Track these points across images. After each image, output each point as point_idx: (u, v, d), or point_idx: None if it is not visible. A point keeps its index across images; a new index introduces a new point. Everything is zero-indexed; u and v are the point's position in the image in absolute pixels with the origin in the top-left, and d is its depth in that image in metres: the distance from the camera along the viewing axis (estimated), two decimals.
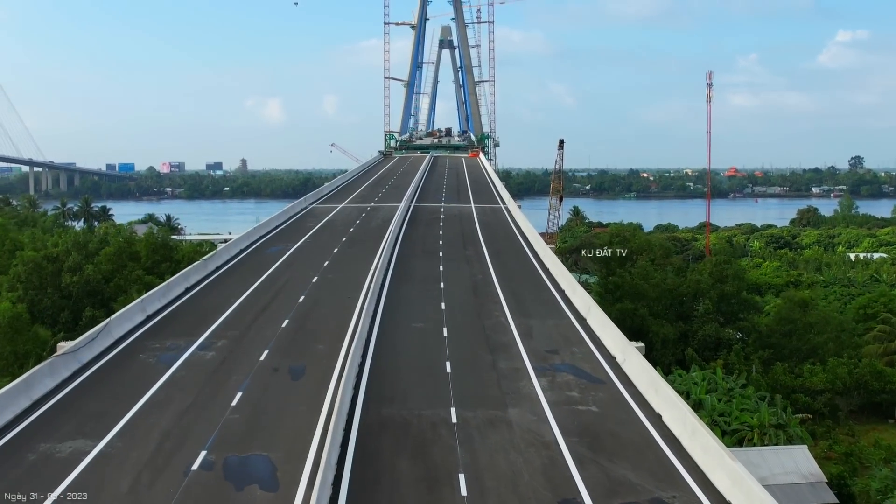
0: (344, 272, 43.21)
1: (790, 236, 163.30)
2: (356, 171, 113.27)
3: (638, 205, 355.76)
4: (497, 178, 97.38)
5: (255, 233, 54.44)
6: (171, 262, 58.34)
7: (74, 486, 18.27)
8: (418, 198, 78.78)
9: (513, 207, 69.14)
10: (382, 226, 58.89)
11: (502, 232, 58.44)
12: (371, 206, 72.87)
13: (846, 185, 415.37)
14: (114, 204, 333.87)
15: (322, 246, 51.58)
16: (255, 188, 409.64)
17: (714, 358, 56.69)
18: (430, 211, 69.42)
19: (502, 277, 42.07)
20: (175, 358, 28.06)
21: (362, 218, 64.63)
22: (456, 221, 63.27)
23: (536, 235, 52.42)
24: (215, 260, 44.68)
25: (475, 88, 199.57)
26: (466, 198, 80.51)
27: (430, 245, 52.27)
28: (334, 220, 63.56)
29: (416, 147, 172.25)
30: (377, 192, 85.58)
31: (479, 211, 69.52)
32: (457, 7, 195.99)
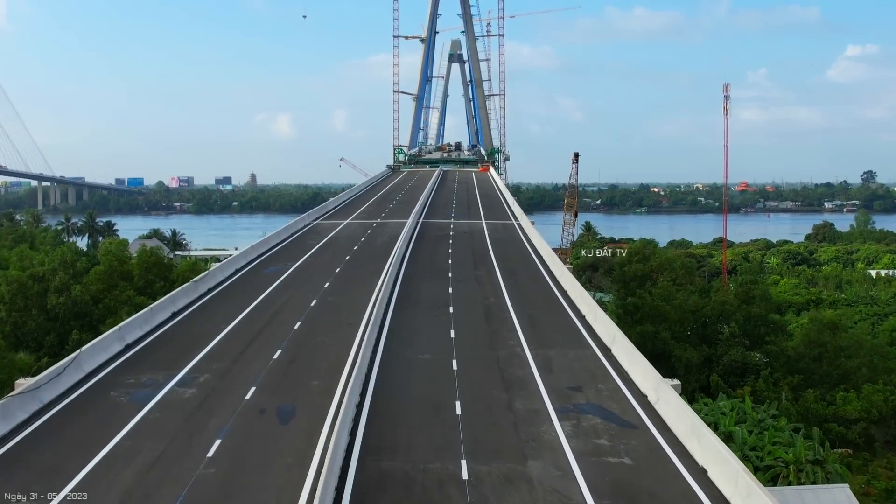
0: (345, 295, 40.03)
1: (807, 252, 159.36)
2: (363, 185, 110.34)
3: (649, 220, 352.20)
4: (508, 193, 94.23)
5: (252, 251, 51.38)
6: (165, 281, 55.36)
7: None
8: (427, 213, 75.70)
9: (525, 224, 65.91)
10: (388, 243, 55.77)
11: (515, 250, 55.20)
12: (377, 222, 69.79)
13: (859, 199, 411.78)
14: (122, 219, 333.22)
15: (323, 265, 48.46)
16: (263, 203, 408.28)
17: (740, 384, 53.20)
18: (439, 227, 66.27)
19: (517, 301, 38.79)
20: (150, 396, 24.87)
21: (368, 235, 61.53)
22: (466, 239, 60.08)
23: (552, 254, 49.16)
24: (207, 281, 41.57)
25: (485, 102, 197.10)
26: (477, 213, 77.36)
27: (438, 264, 49.06)
28: (338, 238, 60.46)
29: (425, 161, 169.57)
30: (384, 207, 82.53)
31: (490, 227, 66.33)
32: (466, 20, 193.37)
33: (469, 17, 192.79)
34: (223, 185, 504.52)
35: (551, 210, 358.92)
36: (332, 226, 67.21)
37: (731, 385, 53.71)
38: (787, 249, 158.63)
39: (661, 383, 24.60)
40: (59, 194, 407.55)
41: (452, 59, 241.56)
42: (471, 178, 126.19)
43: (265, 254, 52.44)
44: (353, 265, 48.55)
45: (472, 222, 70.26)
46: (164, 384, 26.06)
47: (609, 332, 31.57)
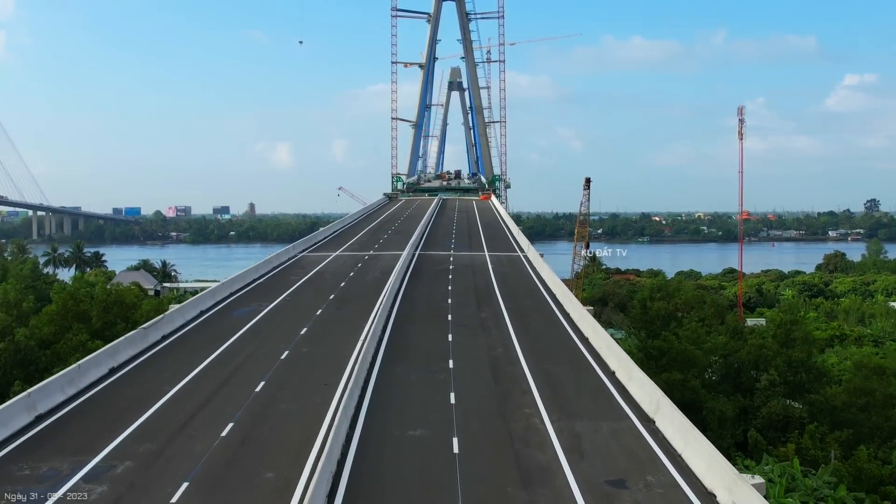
0: (324, 344, 33.48)
1: (822, 283, 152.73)
2: (357, 214, 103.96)
3: (651, 249, 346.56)
4: (512, 222, 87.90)
5: (223, 289, 44.89)
6: (128, 322, 48.70)
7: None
8: (424, 245, 69.27)
9: (533, 256, 59.49)
10: (380, 279, 49.32)
11: (524, 287, 48.68)
12: (369, 254, 63.34)
13: (863, 228, 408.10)
14: (117, 249, 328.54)
15: (303, 306, 41.91)
16: (261, 232, 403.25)
17: (782, 441, 46.38)
18: (438, 261, 59.81)
19: (530, 352, 32.21)
20: (41, 498, 18.28)
21: (357, 269, 55.05)
22: (468, 274, 53.59)
23: (567, 292, 42.61)
24: (162, 326, 35.02)
25: (486, 129, 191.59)
26: (479, 245, 70.91)
27: (436, 305, 42.47)
28: (324, 273, 53.96)
29: (424, 190, 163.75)
30: (378, 238, 76.11)
31: (494, 260, 59.85)
32: (466, 46, 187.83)
33: (469, 42, 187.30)
34: (221, 214, 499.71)
35: (552, 239, 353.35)
36: (320, 259, 60.76)
37: (770, 441, 46.92)
38: (801, 281, 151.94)
39: (736, 482, 18.00)
40: (55, 224, 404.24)
41: (452, 86, 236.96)
42: (471, 207, 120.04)
43: (239, 291, 45.96)
44: (337, 305, 42.01)
45: (474, 254, 63.82)
46: (69, 476, 19.47)
47: (650, 396, 25.00)
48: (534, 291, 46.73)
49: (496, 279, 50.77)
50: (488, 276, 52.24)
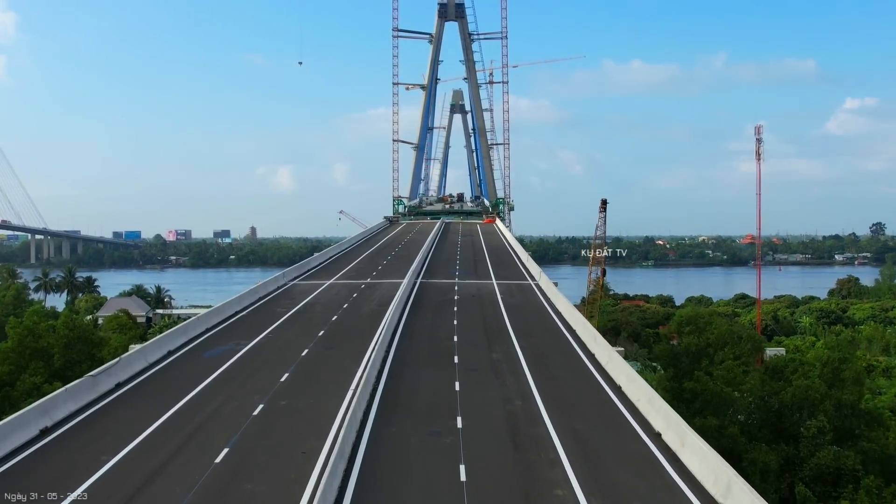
0: (307, 394, 27.99)
1: (839, 310, 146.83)
2: (355, 239, 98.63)
3: (656, 273, 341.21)
4: (520, 247, 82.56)
5: (199, 323, 39.50)
6: (93, 361, 43.30)
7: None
8: (426, 272, 63.90)
9: (546, 285, 54.11)
10: (377, 312, 43.95)
11: (539, 321, 43.22)
12: (367, 282, 57.96)
13: (870, 252, 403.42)
14: (115, 273, 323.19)
15: (288, 345, 36.46)
16: (261, 256, 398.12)
17: (833, 496, 40.81)
18: (441, 290, 54.41)
19: (554, 405, 26.71)
20: (41, 498, 13.34)
21: (352, 300, 49.65)
22: (475, 305, 48.19)
23: (590, 329, 37.10)
24: (117, 372, 29.60)
25: (489, 152, 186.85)
26: (486, 272, 65.52)
27: (440, 343, 36.98)
28: (315, 304, 48.56)
29: (426, 213, 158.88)
30: (377, 264, 70.77)
31: (503, 290, 54.43)
32: (469, 68, 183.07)
33: (472, 63, 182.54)
34: (222, 238, 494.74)
35: (555, 263, 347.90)
36: (312, 287, 55.39)
37: (820, 497, 41.39)
38: (818, 307, 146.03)
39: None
40: (53, 248, 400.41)
41: (454, 109, 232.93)
42: (476, 231, 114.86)
43: (216, 327, 40.54)
44: (326, 344, 36.56)
45: (481, 283, 58.42)
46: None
47: (716, 473, 19.50)
48: (551, 327, 41.22)
49: (507, 312, 45.31)
50: (498, 308, 46.80)
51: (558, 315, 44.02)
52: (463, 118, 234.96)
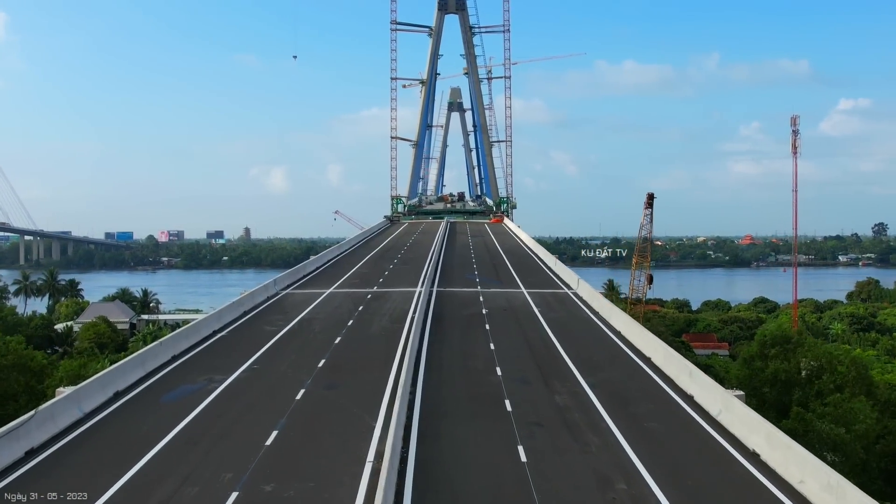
0: (302, 474, 18.86)
1: (869, 315, 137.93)
2: (355, 240, 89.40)
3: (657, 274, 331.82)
4: (543, 249, 73.61)
5: (163, 350, 30.36)
6: (32, 396, 34.18)
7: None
8: (442, 278, 54.87)
9: (589, 294, 45.18)
10: (390, 332, 34.96)
11: (598, 345, 34.12)
12: (373, 291, 48.95)
13: (874, 253, 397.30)
14: (105, 275, 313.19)
15: (277, 383, 27.35)
16: (255, 257, 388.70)
17: None
18: (464, 301, 45.42)
19: (676, 492, 17.67)
20: None
21: (358, 315, 40.59)
22: (510, 321, 39.15)
23: (676, 359, 28.06)
24: (30, 432, 20.48)
25: (490, 149, 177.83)
26: (510, 278, 56.48)
27: (479, 379, 27.89)
28: (312, 320, 39.43)
29: (427, 212, 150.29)
30: (382, 268, 61.72)
31: (537, 301, 45.40)
32: (470, 62, 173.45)
33: (473, 57, 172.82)
34: (215, 239, 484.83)
35: None
36: (308, 298, 46.32)
37: None
38: (847, 312, 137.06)
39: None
40: (43, 249, 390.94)
41: (452, 107, 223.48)
42: (485, 231, 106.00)
43: (187, 353, 31.43)
44: (329, 381, 27.44)
45: (509, 292, 49.42)
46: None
47: None
48: (617, 354, 32.12)
49: (553, 331, 36.26)
50: (539, 326, 37.76)
51: (619, 336, 34.94)
52: (461, 116, 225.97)
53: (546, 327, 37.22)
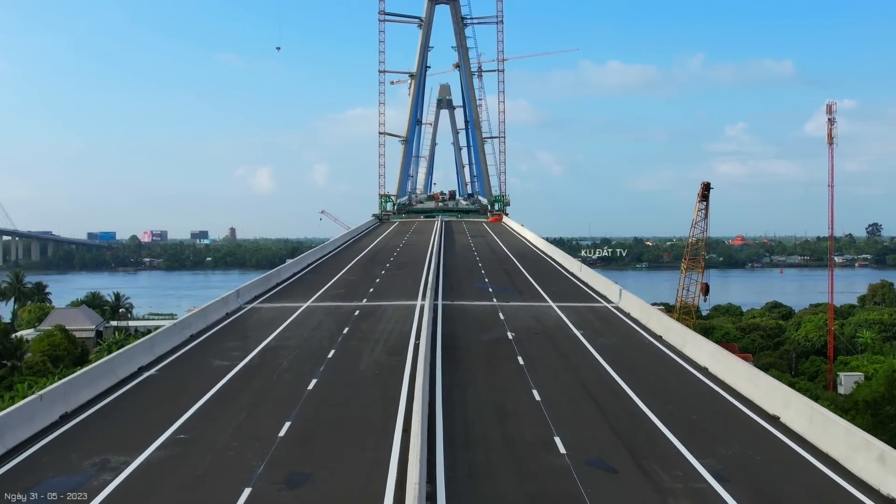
0: None
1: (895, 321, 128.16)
2: (341, 240, 78.86)
3: (652, 276, 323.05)
4: (559, 252, 63.51)
5: (50, 403, 19.94)
6: None
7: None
8: (447, 288, 44.49)
9: (642, 312, 34.99)
10: (386, 369, 24.65)
11: (692, 394, 23.63)
12: (361, 306, 38.60)
13: (869, 253, 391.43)
14: (84, 276, 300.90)
15: (209, 472, 16.91)
16: (240, 258, 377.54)
17: None
18: (479, 318, 35.09)
19: None
20: None
21: (342, 341, 30.18)
22: (549, 352, 28.78)
23: (820, 412, 17.96)
24: None
25: (483, 145, 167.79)
26: (528, 287, 46.22)
27: (533, 464, 17.53)
28: (280, 350, 28.94)
29: (418, 211, 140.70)
30: (373, 274, 51.38)
31: (575, 319, 35.10)
32: (462, 54, 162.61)
33: (465, 49, 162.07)
34: (200, 239, 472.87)
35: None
36: (279, 315, 35.89)
37: None
38: (875, 319, 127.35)
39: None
40: (22, 249, 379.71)
41: (441, 104, 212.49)
42: (485, 230, 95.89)
43: (84, 410, 21.02)
44: (291, 470, 16.97)
45: (533, 306, 39.12)
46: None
47: None
48: (723, 407, 21.71)
49: (613, 367, 25.98)
50: (592, 361, 27.47)
51: (711, 377, 24.70)
52: (450, 114, 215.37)
53: (601, 361, 26.93)
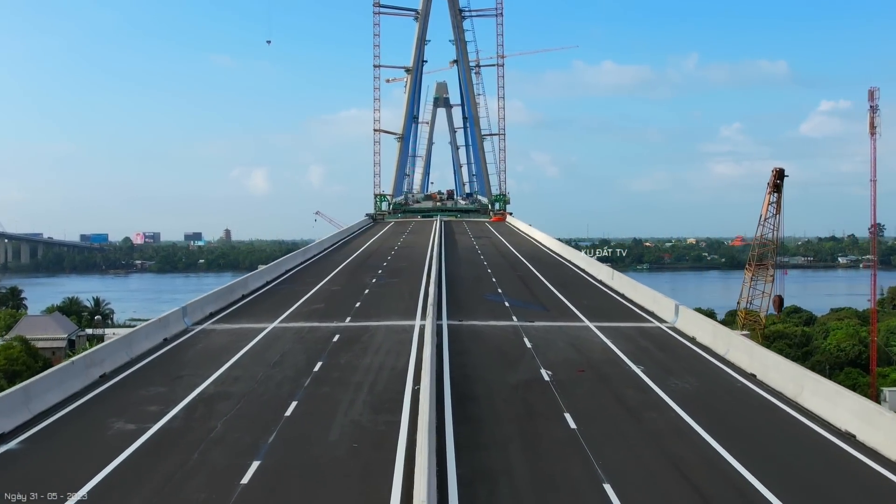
0: None
1: None
2: (329, 241, 69.82)
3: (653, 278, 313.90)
4: (580, 255, 54.68)
5: None
6: None
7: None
8: (451, 300, 35.52)
9: (717, 338, 26.19)
10: (371, 439, 15.80)
11: (843, 482, 15.11)
12: (344, 327, 29.69)
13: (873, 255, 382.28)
14: (73, 279, 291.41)
15: None
16: (233, 260, 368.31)
17: None
18: (499, 347, 26.21)
19: None
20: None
21: (310, 385, 21.21)
22: (607, 403, 19.89)
23: None
24: None
25: (482, 143, 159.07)
26: (552, 298, 37.29)
27: None
28: (217, 403, 19.87)
29: (415, 211, 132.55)
30: (361, 283, 42.47)
31: (625, 346, 26.20)
32: (460, 48, 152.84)
33: (463, 43, 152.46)
34: (194, 240, 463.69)
35: None
36: (233, 342, 26.99)
37: None
38: None
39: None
40: (11, 251, 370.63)
41: (438, 102, 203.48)
42: (489, 230, 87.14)
43: None
44: None
45: (565, 327, 30.25)
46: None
47: None
48: None
49: (716, 437, 17.12)
50: (679, 424, 18.50)
51: (874, 455, 15.94)
52: (447, 113, 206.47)
53: (690, 422, 18.00)
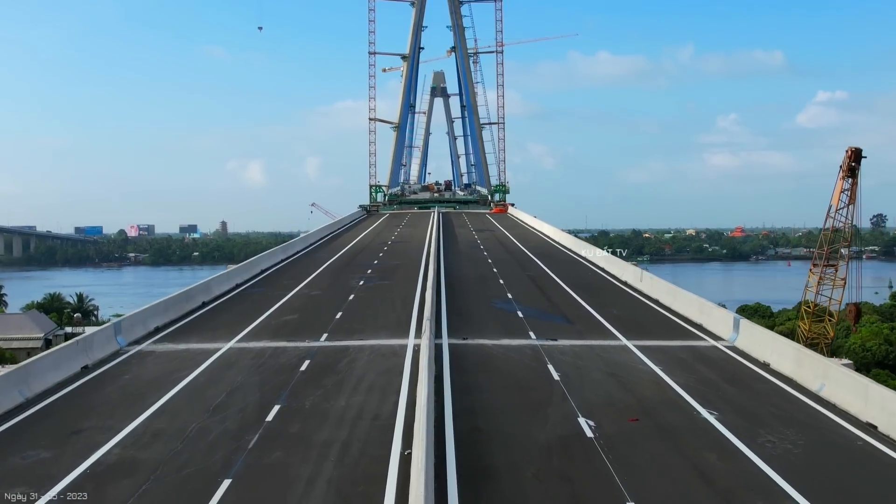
0: None
1: None
2: (317, 234, 63.39)
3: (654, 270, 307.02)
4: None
5: None
6: None
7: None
8: (452, 310, 29.22)
9: (793, 360, 19.98)
10: None
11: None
12: (317, 347, 23.39)
13: (876, 245, 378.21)
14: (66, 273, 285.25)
15: None
16: (228, 252, 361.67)
17: None
18: (516, 380, 19.95)
19: None
20: None
21: (255, 446, 14.88)
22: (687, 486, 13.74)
23: None
24: None
25: (481, 132, 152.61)
26: (577, 310, 30.97)
27: None
28: (118, 476, 13.64)
29: (411, 202, 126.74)
30: (346, 287, 36.12)
31: (682, 377, 19.94)
32: (458, 34, 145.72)
33: (462, 30, 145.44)
34: (189, 233, 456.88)
35: None
36: (171, 370, 20.69)
37: None
38: None
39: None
40: (3, 244, 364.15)
41: (435, 92, 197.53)
42: (490, 223, 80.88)
43: None
44: None
45: (597, 346, 23.96)
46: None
47: None
48: None
49: None
50: None
51: None
52: (445, 102, 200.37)
53: None
